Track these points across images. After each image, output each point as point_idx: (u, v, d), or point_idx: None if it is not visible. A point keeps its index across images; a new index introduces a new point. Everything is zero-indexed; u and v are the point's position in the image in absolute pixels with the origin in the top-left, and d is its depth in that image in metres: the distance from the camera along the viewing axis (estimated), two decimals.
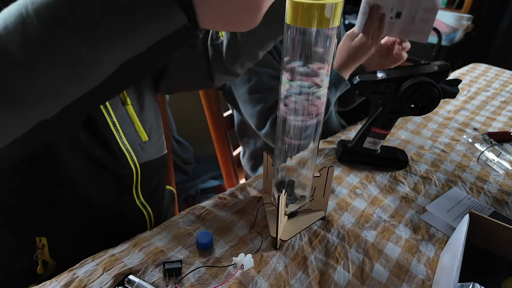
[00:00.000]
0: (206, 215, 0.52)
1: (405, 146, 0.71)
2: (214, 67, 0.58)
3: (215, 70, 0.58)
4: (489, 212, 0.55)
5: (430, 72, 0.54)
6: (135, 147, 0.53)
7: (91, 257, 0.45)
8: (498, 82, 1.07)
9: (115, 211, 0.54)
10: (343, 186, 0.59)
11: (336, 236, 0.49)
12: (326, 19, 0.32)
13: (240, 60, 0.55)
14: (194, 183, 1.77)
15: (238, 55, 0.54)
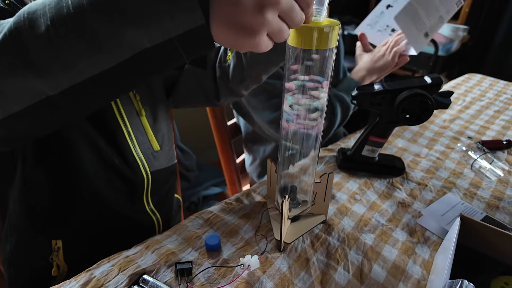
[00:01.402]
0: (214, 219, 0.55)
1: (402, 154, 0.75)
2: (221, 87, 0.62)
3: (222, 90, 0.62)
4: (481, 217, 0.57)
5: (424, 84, 0.57)
6: (147, 156, 0.57)
7: (107, 259, 0.48)
8: (492, 92, 1.11)
9: (126, 216, 0.57)
10: (343, 192, 0.62)
11: (336, 239, 0.52)
12: (325, 40, 0.35)
13: (245, 82, 0.59)
14: (197, 190, 1.80)
15: (243, 78, 0.57)
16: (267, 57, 0.53)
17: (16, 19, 0.29)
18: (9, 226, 0.55)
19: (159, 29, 0.28)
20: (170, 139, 0.63)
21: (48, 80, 0.30)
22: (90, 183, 0.52)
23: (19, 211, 0.52)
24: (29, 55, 0.29)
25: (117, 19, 0.28)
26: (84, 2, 0.28)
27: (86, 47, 0.28)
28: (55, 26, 0.28)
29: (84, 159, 0.50)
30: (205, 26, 0.29)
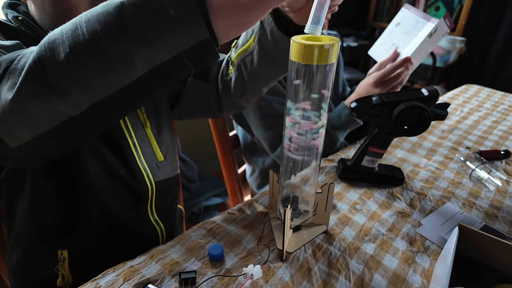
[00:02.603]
0: (216, 229, 0.56)
1: (401, 164, 0.76)
2: (223, 99, 0.64)
3: (224, 102, 0.64)
4: (480, 226, 0.58)
5: (421, 97, 0.59)
6: (152, 166, 0.58)
7: (112, 268, 0.48)
8: (490, 103, 1.13)
9: (131, 226, 0.58)
10: (344, 202, 0.63)
11: (338, 249, 0.53)
12: (325, 57, 0.37)
13: (246, 95, 0.61)
14: (198, 200, 1.81)
15: (244, 91, 0.60)
16: (267, 70, 0.55)
17: (38, 50, 0.32)
18: (16, 237, 0.56)
19: (167, 46, 0.30)
20: (173, 149, 0.65)
21: (70, 102, 0.32)
22: (96, 194, 0.53)
23: (26, 221, 0.53)
24: (51, 81, 0.31)
25: (128, 42, 0.30)
26: (98, 28, 0.30)
27: (102, 69, 0.31)
28: (73, 53, 0.30)
29: (91, 170, 0.51)
30: (209, 39, 0.31)
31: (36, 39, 0.49)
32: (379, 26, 2.36)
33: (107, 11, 0.30)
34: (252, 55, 0.53)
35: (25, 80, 0.31)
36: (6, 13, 0.51)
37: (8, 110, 0.32)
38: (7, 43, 0.43)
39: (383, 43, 0.90)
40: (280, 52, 0.51)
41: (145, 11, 0.30)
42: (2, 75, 0.33)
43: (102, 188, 0.53)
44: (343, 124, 0.80)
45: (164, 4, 0.29)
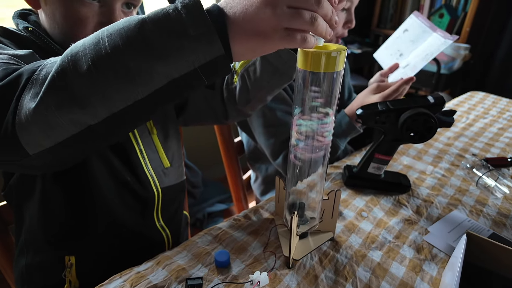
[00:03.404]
0: (222, 235, 0.56)
1: (407, 171, 0.76)
2: (228, 107, 0.65)
3: (229, 110, 0.66)
4: (488, 234, 0.58)
5: (427, 104, 0.59)
6: (158, 173, 0.59)
7: (119, 274, 0.48)
8: (496, 110, 1.13)
9: (137, 232, 0.58)
10: (350, 209, 0.63)
11: (344, 256, 0.52)
12: (332, 64, 0.37)
13: (251, 103, 0.62)
14: (202, 206, 1.81)
15: (249, 99, 0.61)
16: (270, 80, 0.56)
17: (61, 61, 0.32)
18: (24, 243, 0.56)
19: (185, 62, 0.32)
20: (179, 156, 0.65)
21: (90, 112, 0.33)
22: (103, 200, 0.53)
23: (35, 227, 0.54)
24: (73, 92, 0.32)
25: (148, 57, 0.31)
26: (120, 43, 0.31)
27: (122, 81, 0.32)
28: (95, 65, 0.31)
29: (98, 177, 0.52)
30: (225, 56, 0.32)
31: (46, 49, 0.50)
32: (383, 33, 2.37)
33: (128, 27, 0.31)
34: (255, 65, 0.55)
35: (48, 90, 0.32)
36: (16, 23, 0.52)
37: (30, 119, 0.33)
38: (21, 53, 0.44)
39: (388, 48, 0.91)
40: (282, 63, 0.52)
41: (166, 29, 0.31)
42: (25, 84, 0.34)
43: (109, 194, 0.53)
44: (343, 132, 0.80)
45: (184, 23, 0.31)
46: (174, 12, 0.31)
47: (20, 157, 0.35)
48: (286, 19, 0.32)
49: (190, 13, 0.31)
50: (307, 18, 0.32)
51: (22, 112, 0.33)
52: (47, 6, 0.50)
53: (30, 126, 0.33)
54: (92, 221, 0.54)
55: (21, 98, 0.33)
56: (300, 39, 0.34)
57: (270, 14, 0.31)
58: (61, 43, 0.52)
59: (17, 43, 0.50)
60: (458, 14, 2.06)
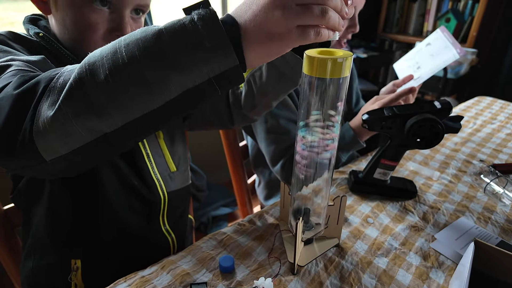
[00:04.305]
0: (227, 240, 0.56)
1: (413, 177, 0.75)
2: (234, 112, 0.65)
3: (235, 115, 0.66)
4: (496, 242, 0.57)
5: (434, 109, 0.59)
6: (164, 177, 0.59)
7: (123, 278, 0.49)
8: (504, 115, 1.11)
9: (143, 236, 0.59)
10: (356, 215, 0.63)
11: (350, 263, 0.52)
12: (338, 70, 0.37)
13: (256, 109, 0.62)
14: (206, 210, 1.81)
15: (254, 104, 0.61)
16: (276, 85, 0.56)
17: (79, 70, 0.33)
18: (32, 245, 0.57)
19: (200, 72, 0.32)
20: (185, 160, 0.66)
21: (106, 120, 0.33)
22: (110, 204, 0.54)
23: (43, 230, 0.54)
24: (91, 101, 0.32)
25: (164, 67, 0.31)
26: (137, 53, 0.31)
27: (138, 91, 0.32)
28: (112, 75, 0.31)
29: (106, 181, 0.52)
30: (239, 66, 0.32)
31: (56, 54, 0.51)
32: (388, 37, 2.37)
33: (145, 37, 0.32)
34: (261, 70, 0.55)
35: (66, 99, 0.33)
36: (27, 28, 0.53)
37: (48, 126, 0.33)
38: (34, 58, 0.44)
39: (408, 60, 0.91)
40: (288, 68, 0.52)
41: (182, 40, 0.31)
42: (43, 92, 0.34)
43: (116, 198, 0.54)
44: (346, 145, 0.79)
45: (199, 34, 0.31)
46: (191, 23, 0.31)
47: (37, 162, 0.35)
48: (297, 17, 0.32)
49: (206, 25, 0.31)
50: (317, 12, 0.32)
51: (40, 119, 0.33)
52: (58, 12, 0.50)
53: (48, 133, 0.33)
54: (98, 226, 0.55)
55: (39, 106, 0.34)
56: (314, 34, 0.34)
57: (280, 15, 0.32)
58: (70, 48, 0.52)
59: (28, 48, 0.50)
60: (465, 19, 2.05)
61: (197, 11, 0.32)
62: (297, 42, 0.34)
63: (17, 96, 0.34)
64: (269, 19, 0.32)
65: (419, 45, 0.90)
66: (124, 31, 0.51)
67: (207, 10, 0.32)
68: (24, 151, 0.34)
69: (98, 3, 0.49)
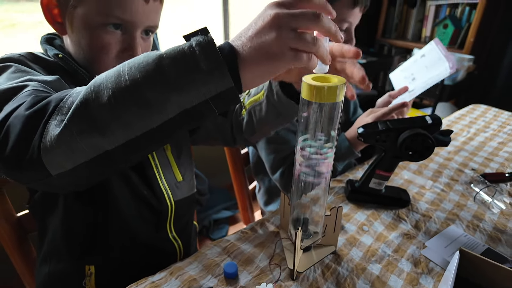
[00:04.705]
0: (230, 247, 0.59)
1: (407, 186, 0.79)
2: (236, 135, 0.70)
3: (236, 137, 0.71)
4: (483, 249, 0.61)
5: (425, 124, 0.62)
6: (171, 187, 0.63)
7: (135, 284, 0.52)
8: (497, 123, 1.15)
9: (151, 244, 0.62)
10: (352, 223, 0.66)
11: (345, 269, 0.56)
12: (333, 96, 0.41)
13: (255, 135, 0.67)
14: (208, 213, 1.84)
15: (254, 131, 0.66)
16: (273, 120, 0.61)
17: (85, 92, 0.36)
18: (47, 252, 0.60)
19: (197, 94, 0.35)
20: (191, 170, 0.70)
21: (108, 138, 0.36)
22: (122, 215, 0.58)
23: (58, 239, 0.58)
24: (94, 120, 0.35)
25: (163, 89, 0.35)
26: (138, 76, 0.34)
27: (139, 111, 0.35)
28: (115, 96, 0.35)
29: (117, 192, 0.56)
30: (234, 88, 0.35)
31: (73, 74, 0.54)
32: (387, 42, 2.40)
33: (147, 61, 0.35)
34: (261, 106, 0.59)
35: (72, 118, 0.36)
36: (45, 48, 0.57)
37: (54, 143, 0.36)
38: (49, 78, 0.48)
39: (404, 71, 0.94)
40: (284, 110, 0.57)
41: (181, 64, 0.34)
42: (52, 111, 0.37)
43: (127, 208, 0.58)
44: (342, 156, 0.83)
45: (197, 58, 0.34)
46: (189, 49, 0.34)
47: (44, 176, 0.38)
48: (290, 40, 0.35)
49: (203, 50, 0.34)
50: (309, 39, 0.36)
51: (47, 136, 0.36)
52: (74, 33, 0.54)
53: (54, 149, 0.36)
54: (111, 234, 0.59)
55: (47, 124, 0.37)
56: (306, 59, 0.37)
57: (275, 37, 0.35)
58: (85, 66, 0.56)
59: (45, 67, 0.54)
60: (462, 25, 2.09)
61: (196, 38, 0.35)
62: (290, 64, 0.37)
63: (28, 115, 0.37)
64: (265, 40, 0.35)
65: (414, 56, 0.94)
66: (135, 51, 0.55)
67: (204, 36, 0.35)
68: (31, 165, 0.37)
69: (111, 26, 0.53)
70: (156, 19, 0.57)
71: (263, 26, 0.35)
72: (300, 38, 0.36)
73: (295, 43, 0.36)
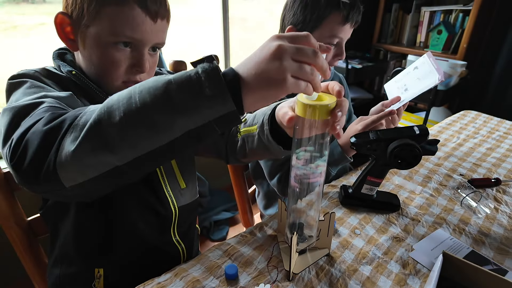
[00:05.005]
0: (231, 250, 0.63)
1: (398, 191, 0.83)
2: (229, 153, 0.74)
3: (230, 156, 0.75)
4: (467, 252, 0.65)
5: (413, 135, 0.67)
6: (175, 193, 0.67)
7: (142, 285, 0.56)
8: (486, 129, 1.20)
9: (156, 247, 0.66)
10: (345, 227, 0.70)
11: (338, 270, 0.60)
12: (325, 113, 0.45)
13: (247, 158, 0.71)
14: (208, 215, 1.88)
15: (246, 155, 0.70)
16: (264, 153, 0.65)
17: (98, 112, 0.40)
18: (59, 255, 0.64)
19: (202, 116, 0.39)
20: (194, 178, 0.74)
21: (118, 155, 0.40)
22: (129, 220, 0.62)
23: (69, 243, 0.62)
24: (106, 138, 0.39)
25: (170, 112, 0.38)
26: (148, 99, 0.38)
27: (147, 131, 0.39)
28: (126, 117, 0.38)
29: (126, 200, 0.60)
30: (236, 111, 0.39)
31: (85, 89, 0.58)
32: (383, 47, 2.45)
33: (156, 86, 0.39)
34: (253, 138, 0.64)
35: (86, 136, 0.39)
36: (58, 64, 0.60)
37: (69, 159, 0.39)
38: (63, 95, 0.52)
39: (397, 82, 0.98)
40: (273, 150, 0.60)
41: (187, 88, 0.38)
42: (67, 129, 0.41)
43: (133, 214, 0.62)
44: (335, 161, 0.87)
45: (202, 84, 0.38)
46: (196, 75, 0.38)
47: (58, 188, 0.41)
48: (292, 69, 0.39)
49: (208, 76, 0.38)
50: (308, 70, 0.40)
51: (63, 152, 0.39)
52: (85, 50, 0.58)
53: (68, 164, 0.39)
54: (119, 239, 0.63)
55: (63, 140, 0.40)
56: (304, 86, 0.41)
57: (278, 65, 0.38)
58: (95, 80, 0.60)
59: (58, 83, 0.58)
60: (456, 31, 2.14)
61: (202, 65, 0.39)
62: (290, 90, 0.40)
63: (46, 131, 0.40)
64: (269, 68, 0.39)
65: (408, 68, 0.98)
66: (143, 66, 0.59)
67: (210, 64, 0.38)
68: (47, 179, 0.40)
69: (121, 44, 0.56)
70: (163, 37, 0.61)
71: (268, 55, 0.39)
72: (301, 68, 0.39)
73: (296, 72, 0.39)
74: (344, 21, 0.85)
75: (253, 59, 0.40)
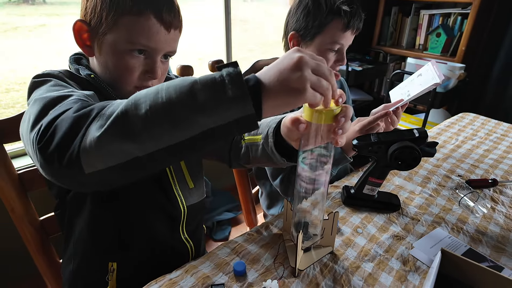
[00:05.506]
0: (239, 248, 0.66)
1: (398, 191, 0.86)
2: (233, 159, 0.77)
3: (233, 161, 0.77)
4: (465, 249, 0.68)
5: (413, 137, 0.70)
6: (184, 193, 0.70)
7: (154, 281, 0.59)
8: (484, 131, 1.23)
9: (167, 245, 0.69)
10: (347, 226, 0.73)
11: (341, 267, 0.62)
12: (330, 118, 0.48)
13: (250, 164, 0.74)
14: (211, 215, 1.91)
15: (249, 162, 0.73)
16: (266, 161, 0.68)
17: (126, 103, 0.41)
18: (73, 251, 0.67)
19: (222, 116, 0.41)
20: (201, 178, 0.76)
21: (139, 146, 0.41)
22: (140, 218, 0.65)
23: (84, 239, 0.65)
24: (130, 127, 0.40)
25: (193, 109, 0.40)
26: (173, 96, 0.40)
27: (169, 125, 0.40)
28: (151, 110, 0.40)
29: (137, 199, 0.63)
30: (254, 114, 0.41)
31: (101, 91, 0.60)
32: (383, 50, 2.48)
33: (182, 84, 0.41)
34: (257, 147, 0.67)
35: (111, 124, 0.41)
36: (76, 68, 0.63)
37: (93, 144, 0.41)
38: (88, 93, 0.54)
39: (402, 88, 1.00)
40: (276, 160, 0.63)
41: (211, 90, 0.40)
42: (94, 117, 0.42)
43: (145, 213, 0.65)
44: (335, 161, 0.89)
45: (225, 86, 0.40)
46: (220, 78, 0.40)
47: (77, 173, 0.43)
48: (312, 81, 0.41)
49: (232, 79, 0.40)
50: (325, 84, 0.43)
51: (88, 138, 0.41)
52: (101, 56, 0.60)
53: (91, 150, 0.41)
54: (131, 235, 0.65)
55: (89, 127, 0.42)
56: (320, 98, 0.44)
57: (299, 76, 0.41)
58: (110, 84, 0.62)
59: (79, 84, 0.60)
60: (455, 34, 2.17)
61: (226, 69, 0.41)
62: (307, 100, 0.43)
63: (75, 118, 0.42)
64: (290, 77, 0.41)
65: (412, 76, 1.00)
66: (155, 73, 0.61)
67: (234, 68, 0.41)
68: (70, 162, 0.42)
69: (136, 52, 0.59)
70: (175, 45, 0.63)
71: (290, 64, 0.41)
72: (319, 81, 0.42)
73: (315, 84, 0.42)
74: (345, 28, 0.88)
75: (275, 67, 0.42)
